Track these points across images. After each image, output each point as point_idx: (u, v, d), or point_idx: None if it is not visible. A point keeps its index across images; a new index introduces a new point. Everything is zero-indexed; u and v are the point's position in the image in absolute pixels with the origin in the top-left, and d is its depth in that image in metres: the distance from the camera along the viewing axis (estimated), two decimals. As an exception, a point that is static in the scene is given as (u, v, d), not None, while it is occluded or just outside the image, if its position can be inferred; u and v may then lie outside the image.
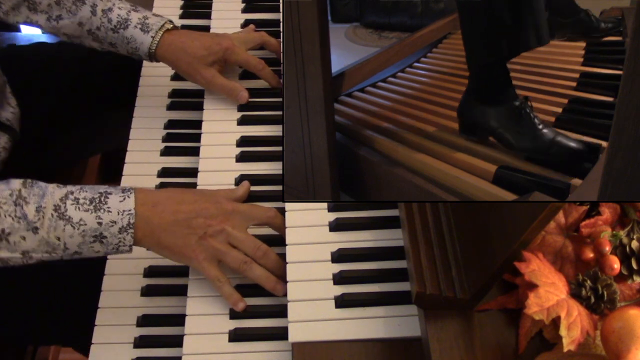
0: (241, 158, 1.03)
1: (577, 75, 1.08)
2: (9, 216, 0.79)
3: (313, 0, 0.83)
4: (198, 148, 1.05)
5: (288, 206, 0.92)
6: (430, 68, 1.27)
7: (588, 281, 0.72)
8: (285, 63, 0.91)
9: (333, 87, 0.90)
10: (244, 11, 1.27)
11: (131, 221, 0.83)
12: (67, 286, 1.01)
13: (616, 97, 0.61)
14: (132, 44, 1.07)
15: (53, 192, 0.82)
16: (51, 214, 0.80)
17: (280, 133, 1.06)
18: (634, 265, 0.74)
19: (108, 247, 0.83)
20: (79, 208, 0.81)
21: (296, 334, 0.80)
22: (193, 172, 1.03)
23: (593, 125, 0.93)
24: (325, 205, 0.92)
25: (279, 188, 0.99)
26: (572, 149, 0.85)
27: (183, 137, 1.11)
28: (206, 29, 1.21)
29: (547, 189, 0.80)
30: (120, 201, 0.83)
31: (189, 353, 0.83)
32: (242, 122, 1.08)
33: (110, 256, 0.96)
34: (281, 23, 1.18)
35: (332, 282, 0.84)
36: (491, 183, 0.85)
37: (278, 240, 0.90)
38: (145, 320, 0.91)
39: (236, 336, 0.84)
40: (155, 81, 1.19)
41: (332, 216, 0.91)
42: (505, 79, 0.90)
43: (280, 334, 0.83)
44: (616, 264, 0.73)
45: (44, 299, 1.02)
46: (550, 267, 0.73)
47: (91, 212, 0.82)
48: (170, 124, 1.13)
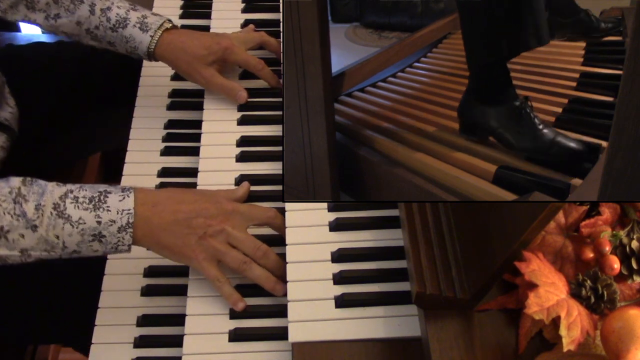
0: (241, 158, 1.03)
1: (577, 75, 1.08)
2: (8, 214, 0.79)
3: (313, 0, 0.83)
4: (198, 148, 1.05)
5: (288, 206, 0.92)
6: (430, 68, 1.27)
7: (588, 281, 0.72)
8: (285, 63, 0.91)
9: (333, 87, 0.90)
10: (244, 11, 1.27)
11: (130, 220, 0.83)
12: (67, 286, 1.01)
13: (616, 97, 0.60)
14: (131, 43, 1.07)
15: (52, 191, 0.82)
16: (50, 212, 0.80)
17: (280, 133, 1.06)
18: (634, 265, 0.74)
19: (107, 247, 0.83)
20: (78, 207, 0.81)
21: (296, 334, 0.80)
22: (193, 172, 1.03)
23: (593, 125, 0.93)
24: (325, 205, 0.92)
25: (279, 188, 0.99)
26: (572, 149, 0.85)
27: (183, 137, 1.11)
28: (206, 29, 1.21)
29: (547, 189, 0.80)
30: (119, 200, 0.83)
31: (189, 353, 0.83)
32: (242, 122, 1.08)
33: (110, 256, 0.96)
34: (281, 23, 1.18)
35: (332, 282, 0.84)
36: (491, 183, 0.85)
37: (278, 240, 0.90)
38: (145, 320, 0.91)
39: (236, 336, 0.84)
40: (155, 81, 1.19)
41: (332, 216, 0.91)
42: (505, 79, 0.90)
43: (280, 334, 0.83)
44: (616, 264, 0.73)
45: (44, 299, 1.02)
46: (550, 267, 0.73)
47: (90, 211, 0.82)
48: (170, 124, 1.13)
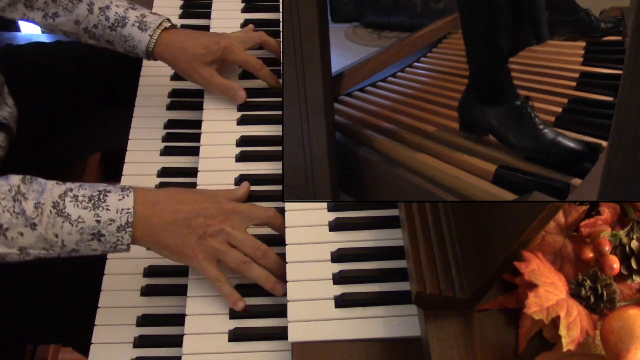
0: (241, 158, 1.03)
1: (577, 75, 1.08)
2: (8, 212, 0.79)
3: (313, 0, 0.83)
4: (198, 148, 1.05)
5: (288, 206, 0.92)
6: (430, 68, 1.27)
7: (588, 281, 0.72)
8: (285, 63, 0.91)
9: (333, 87, 0.90)
10: (244, 11, 1.27)
11: (130, 220, 0.82)
12: (67, 286, 1.01)
13: (616, 97, 0.61)
14: (130, 43, 1.07)
15: (52, 189, 0.82)
16: (50, 211, 0.80)
17: (280, 133, 1.06)
18: (634, 265, 0.74)
19: (106, 246, 0.83)
20: (78, 206, 0.81)
21: (296, 334, 0.80)
22: (193, 172, 1.03)
23: (593, 125, 0.93)
24: (325, 205, 0.92)
25: (279, 188, 0.99)
26: (573, 150, 0.85)
27: (183, 137, 1.11)
28: (206, 29, 1.21)
29: (547, 189, 0.80)
30: (119, 200, 0.83)
31: (189, 353, 0.83)
32: (242, 122, 1.08)
33: (110, 256, 0.96)
34: (281, 23, 1.18)
35: (332, 282, 0.84)
36: (491, 183, 0.85)
37: (278, 240, 0.90)
38: (145, 320, 0.91)
39: (236, 336, 0.84)
40: (155, 81, 1.19)
41: (332, 216, 0.91)
42: (506, 79, 0.90)
43: (280, 334, 0.83)
44: (616, 264, 0.73)
45: (44, 299, 1.02)
46: (550, 267, 0.73)
47: (90, 210, 0.81)
48: (170, 124, 1.13)
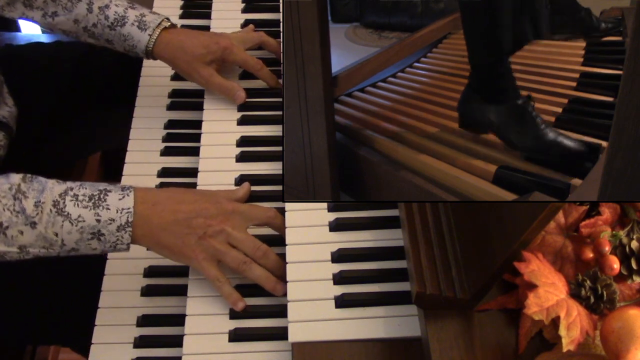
0: (241, 158, 1.03)
1: (577, 75, 1.08)
2: (8, 210, 0.79)
3: (313, 0, 0.83)
4: (198, 148, 1.05)
5: (288, 206, 0.92)
6: (430, 68, 1.27)
7: (588, 281, 0.72)
8: (285, 63, 0.91)
9: (333, 87, 0.90)
10: (244, 11, 1.27)
11: (130, 219, 0.82)
12: (67, 286, 1.01)
13: (616, 97, 0.61)
14: (129, 42, 1.07)
15: (52, 188, 0.82)
16: (50, 210, 0.80)
17: (280, 133, 1.06)
18: (634, 265, 0.74)
19: (106, 245, 0.83)
20: (78, 204, 0.81)
21: (296, 334, 0.80)
22: (193, 172, 1.03)
23: (593, 125, 0.93)
24: (325, 205, 0.92)
25: (279, 188, 0.99)
26: (573, 150, 0.85)
27: (183, 137, 1.11)
28: (206, 29, 1.21)
29: (547, 189, 0.80)
30: (119, 199, 0.83)
31: (189, 353, 0.83)
32: (242, 122, 1.08)
33: (110, 256, 0.96)
34: (281, 23, 1.18)
35: (332, 282, 0.84)
36: (491, 183, 0.85)
37: (278, 240, 0.90)
38: (145, 320, 0.91)
39: (236, 336, 0.84)
40: (155, 81, 1.19)
41: (332, 216, 0.91)
42: (507, 77, 0.90)
43: (280, 334, 0.83)
44: (616, 264, 0.73)
45: (44, 299, 1.02)
46: (550, 267, 0.73)
47: (90, 209, 0.81)
48: (170, 124, 1.13)
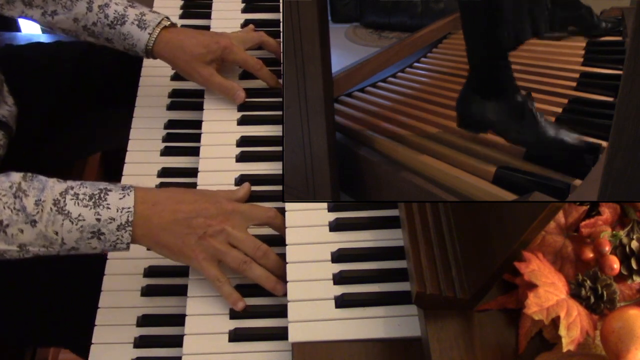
0: (241, 158, 1.03)
1: (577, 75, 1.08)
2: (8, 208, 0.79)
3: (313, 0, 0.83)
4: (198, 148, 1.04)
5: (288, 206, 0.92)
6: (430, 68, 1.27)
7: (588, 281, 0.72)
8: (285, 63, 0.91)
9: (333, 87, 0.90)
10: (244, 11, 1.27)
11: (130, 219, 0.82)
12: (67, 286, 1.01)
13: (616, 97, 0.61)
14: (129, 40, 1.07)
15: (53, 187, 0.82)
16: (50, 208, 0.80)
17: (280, 133, 1.06)
18: (634, 265, 0.74)
19: (105, 244, 0.83)
20: (78, 203, 0.81)
21: (296, 334, 0.80)
22: (193, 172, 1.03)
23: (593, 125, 0.92)
24: (325, 205, 0.92)
25: (279, 188, 0.99)
26: (574, 145, 0.85)
27: (183, 137, 1.11)
28: (206, 29, 1.21)
29: (547, 189, 0.80)
30: (119, 198, 0.83)
31: (189, 353, 0.83)
32: (242, 122, 1.08)
33: (110, 256, 0.96)
34: (281, 23, 1.18)
35: (332, 282, 0.84)
36: (491, 183, 0.85)
37: (278, 240, 0.90)
38: (145, 320, 0.91)
39: (236, 336, 0.84)
40: (155, 81, 1.19)
41: (332, 216, 0.91)
42: (507, 73, 0.90)
43: (280, 334, 0.83)
44: (616, 264, 0.73)
45: (44, 299, 1.02)
46: (550, 267, 0.73)
47: (90, 208, 0.81)
48: (170, 124, 1.13)
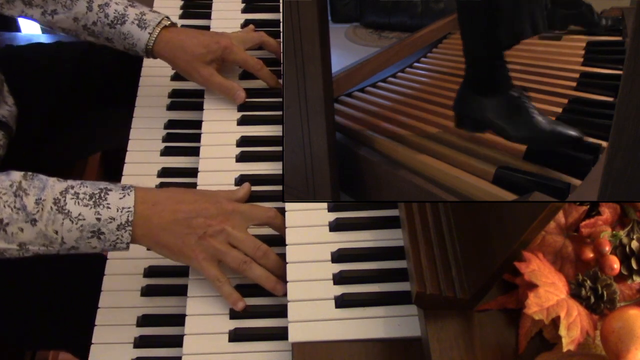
0: (241, 158, 1.03)
1: (577, 75, 1.08)
2: (8, 207, 0.79)
3: (313, 0, 0.83)
4: (198, 148, 1.05)
5: (288, 206, 0.92)
6: (430, 68, 1.27)
7: (588, 281, 0.72)
8: (285, 63, 0.91)
9: (333, 87, 0.90)
10: (244, 11, 1.27)
11: (130, 219, 0.82)
12: (67, 286, 1.01)
13: (616, 97, 0.61)
14: (129, 40, 1.07)
15: (53, 186, 0.82)
16: (50, 207, 0.80)
17: (280, 133, 1.06)
18: (634, 265, 0.74)
19: (105, 244, 0.83)
20: (79, 203, 0.81)
21: (296, 334, 0.80)
22: (193, 172, 1.03)
23: (593, 125, 0.93)
24: (325, 205, 0.92)
25: (279, 188, 0.99)
26: (571, 137, 0.85)
27: (183, 137, 1.11)
28: (206, 29, 1.21)
29: (547, 189, 0.80)
30: (120, 198, 0.83)
31: (189, 353, 0.83)
32: (242, 122, 1.08)
33: (110, 256, 0.96)
34: (281, 23, 1.18)
35: (332, 282, 0.84)
36: (491, 183, 0.85)
37: (278, 240, 0.90)
38: (145, 320, 0.91)
39: (236, 336, 0.84)
40: (155, 81, 1.19)
41: (332, 216, 0.91)
42: (502, 69, 0.90)
43: (280, 334, 0.83)
44: (616, 264, 0.73)
45: (44, 299, 1.02)
46: (550, 267, 0.73)
47: (90, 208, 0.81)
48: (170, 124, 1.13)
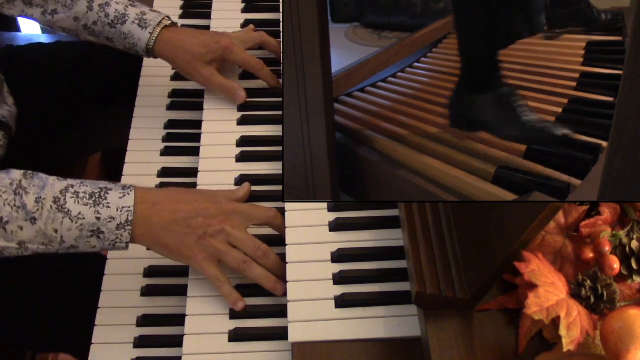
0: (241, 158, 1.03)
1: (577, 75, 1.08)
2: (8, 205, 0.78)
3: (313, 0, 0.83)
4: (198, 148, 1.04)
5: (288, 206, 0.92)
6: (430, 68, 1.27)
7: (588, 281, 0.72)
8: (285, 63, 0.91)
9: (333, 87, 0.90)
10: (244, 11, 1.27)
11: (130, 218, 0.82)
12: (67, 286, 1.01)
13: (616, 97, 0.61)
14: (130, 40, 1.07)
15: (53, 185, 0.82)
16: (50, 206, 0.80)
17: (280, 133, 1.06)
18: (634, 265, 0.74)
19: (105, 243, 0.83)
20: (79, 202, 0.81)
21: (296, 334, 0.80)
22: (193, 172, 1.03)
23: (593, 125, 0.93)
24: (325, 205, 0.92)
25: (279, 188, 0.99)
26: (560, 136, 0.85)
27: (183, 137, 1.11)
28: (206, 29, 1.21)
29: (547, 189, 0.80)
30: (120, 197, 0.83)
31: (189, 353, 0.83)
32: (242, 122, 1.08)
33: (110, 256, 0.96)
34: (281, 23, 1.18)
35: (332, 282, 0.84)
36: (491, 183, 0.85)
37: (278, 240, 0.90)
38: (145, 320, 0.91)
39: (236, 336, 0.84)
40: (155, 81, 1.19)
41: (332, 216, 0.91)
42: (494, 68, 0.90)
43: (280, 334, 0.83)
44: (616, 264, 0.73)
45: (43, 299, 1.02)
46: (550, 267, 0.73)
47: (90, 207, 0.81)
48: (170, 124, 1.13)
